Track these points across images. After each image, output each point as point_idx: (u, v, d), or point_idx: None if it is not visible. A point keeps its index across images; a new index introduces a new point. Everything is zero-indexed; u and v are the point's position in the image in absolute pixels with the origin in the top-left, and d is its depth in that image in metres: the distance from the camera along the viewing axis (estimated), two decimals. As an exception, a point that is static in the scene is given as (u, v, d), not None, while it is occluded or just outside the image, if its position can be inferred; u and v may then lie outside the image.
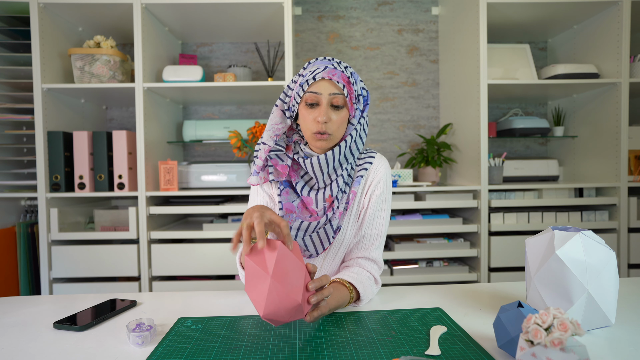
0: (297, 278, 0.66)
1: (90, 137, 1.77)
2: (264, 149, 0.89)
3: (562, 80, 1.84)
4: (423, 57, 2.32)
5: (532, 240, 0.75)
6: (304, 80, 0.85)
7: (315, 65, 0.86)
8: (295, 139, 0.93)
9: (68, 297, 0.96)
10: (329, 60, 0.87)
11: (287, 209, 0.90)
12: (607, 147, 1.91)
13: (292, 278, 0.66)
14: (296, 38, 2.29)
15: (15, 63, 1.91)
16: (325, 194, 0.89)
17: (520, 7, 1.84)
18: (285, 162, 0.90)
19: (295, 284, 0.66)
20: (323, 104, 0.84)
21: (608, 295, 0.69)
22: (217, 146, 2.28)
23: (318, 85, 0.84)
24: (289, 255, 0.67)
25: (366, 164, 0.94)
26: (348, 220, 0.93)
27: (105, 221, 1.79)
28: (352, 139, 0.88)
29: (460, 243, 1.86)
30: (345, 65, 0.88)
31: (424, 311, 0.82)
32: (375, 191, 0.93)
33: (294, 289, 0.65)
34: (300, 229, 0.88)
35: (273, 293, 0.63)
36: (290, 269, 0.66)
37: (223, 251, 1.73)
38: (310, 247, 0.90)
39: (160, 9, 1.77)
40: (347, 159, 0.89)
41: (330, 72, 0.84)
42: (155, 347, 0.68)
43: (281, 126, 0.90)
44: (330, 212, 0.89)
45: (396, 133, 2.33)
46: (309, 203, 0.90)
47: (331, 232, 0.89)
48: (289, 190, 0.91)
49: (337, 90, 0.84)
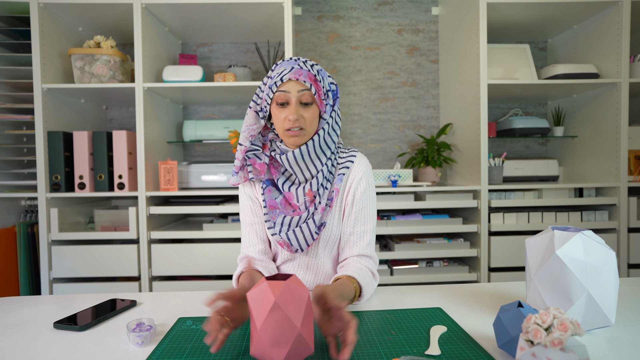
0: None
1: (90, 137, 1.77)
2: (241, 149, 0.94)
3: (562, 80, 1.84)
4: (423, 57, 2.32)
5: (532, 240, 0.75)
6: (272, 82, 0.89)
7: (282, 67, 0.90)
8: (270, 137, 0.97)
9: (68, 297, 0.96)
10: (295, 60, 0.91)
11: (271, 206, 0.95)
12: (607, 147, 1.91)
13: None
14: (296, 38, 2.29)
15: (16, 63, 1.91)
16: (305, 189, 0.93)
17: (520, 7, 1.84)
18: (263, 160, 0.95)
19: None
20: (292, 102, 0.88)
21: (608, 295, 0.69)
22: (217, 146, 2.28)
23: (286, 85, 0.88)
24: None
25: (348, 162, 0.97)
26: (333, 217, 0.96)
27: (105, 221, 1.79)
28: (325, 132, 0.92)
29: (460, 243, 1.86)
30: (312, 63, 0.91)
31: (424, 311, 0.82)
32: (358, 188, 0.97)
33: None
34: (284, 224, 0.93)
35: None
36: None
37: (223, 251, 1.73)
38: (294, 241, 0.93)
39: (160, 9, 1.77)
40: (323, 152, 0.93)
41: (296, 73, 0.87)
42: (155, 347, 0.68)
43: (256, 127, 0.94)
44: (312, 207, 0.93)
45: (396, 133, 2.33)
46: (291, 198, 0.94)
47: (314, 227, 0.92)
48: (272, 188, 0.96)
49: (304, 88, 0.88)
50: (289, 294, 0.59)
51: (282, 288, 0.59)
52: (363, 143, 2.32)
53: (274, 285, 0.59)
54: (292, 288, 0.60)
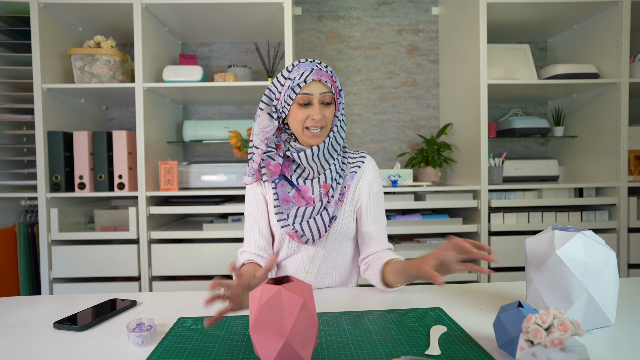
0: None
1: (90, 137, 1.77)
2: (258, 152, 0.96)
3: (562, 80, 1.84)
4: (423, 57, 2.32)
5: (532, 240, 0.75)
6: (294, 84, 0.91)
7: (302, 68, 0.92)
8: (284, 138, 0.99)
9: (68, 297, 0.96)
10: (311, 62, 0.93)
11: (284, 199, 0.97)
12: (607, 147, 1.91)
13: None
14: (296, 38, 2.29)
15: (16, 63, 1.91)
16: (320, 181, 0.97)
17: (520, 7, 1.84)
18: (277, 161, 0.97)
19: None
20: (315, 103, 0.91)
21: (608, 295, 0.69)
22: (217, 146, 2.28)
23: (309, 87, 0.91)
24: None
25: (359, 162, 1.03)
26: (343, 212, 1.00)
27: (105, 221, 1.79)
28: (337, 128, 0.96)
29: (460, 243, 1.85)
30: (325, 64, 0.95)
31: (424, 311, 0.82)
32: (372, 188, 1.03)
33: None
34: (297, 215, 0.95)
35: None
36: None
37: (223, 251, 1.73)
38: (307, 232, 0.95)
39: (160, 9, 1.77)
40: (334, 148, 0.97)
41: (318, 74, 0.91)
42: (155, 347, 0.68)
43: (270, 128, 0.96)
44: (326, 199, 0.96)
45: (396, 133, 2.33)
46: (306, 191, 0.97)
47: (327, 219, 0.95)
48: (284, 182, 0.99)
49: (327, 89, 0.92)
50: (307, 292, 0.58)
51: (301, 287, 0.58)
52: (363, 143, 2.32)
53: (292, 287, 0.58)
54: (303, 286, 0.59)
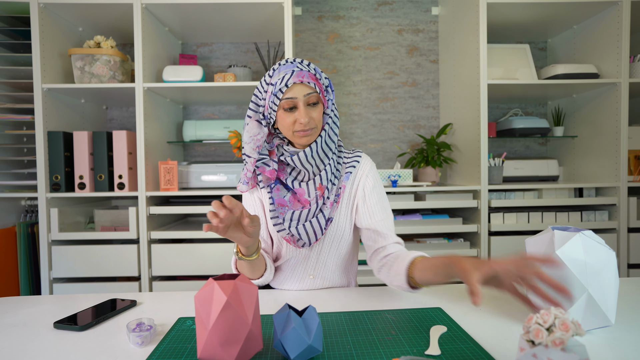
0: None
1: (91, 137, 1.77)
2: (250, 162, 0.94)
3: (562, 80, 1.84)
4: (423, 57, 2.32)
5: (532, 240, 0.75)
6: (276, 89, 0.87)
7: (282, 72, 0.88)
8: (277, 143, 0.96)
9: (68, 297, 0.96)
10: (291, 63, 0.90)
11: (279, 203, 0.95)
12: (607, 147, 1.91)
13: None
14: (296, 38, 2.29)
15: (16, 63, 1.91)
16: (316, 182, 0.94)
17: (520, 7, 1.84)
18: (272, 167, 0.95)
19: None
20: (301, 107, 0.88)
21: (608, 295, 0.69)
22: (217, 146, 2.28)
23: (292, 90, 0.87)
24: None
25: (354, 162, 1.00)
26: (339, 213, 0.98)
27: (106, 221, 1.79)
28: (329, 126, 0.93)
29: (460, 243, 1.86)
30: (307, 62, 0.92)
31: (424, 311, 0.82)
32: (367, 184, 0.99)
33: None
34: (293, 219, 0.93)
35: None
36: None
37: (223, 251, 1.73)
38: (304, 235, 0.94)
39: (160, 9, 1.77)
40: (329, 146, 0.94)
41: (299, 75, 0.87)
42: (155, 347, 0.68)
43: (260, 136, 0.93)
44: (322, 200, 0.94)
45: (396, 133, 2.33)
46: (302, 194, 0.95)
47: (323, 221, 0.93)
48: (280, 186, 0.97)
49: (310, 89, 0.88)
50: (240, 292, 0.60)
51: (233, 287, 0.60)
52: (363, 143, 2.32)
53: (224, 284, 0.60)
54: (241, 286, 0.61)
